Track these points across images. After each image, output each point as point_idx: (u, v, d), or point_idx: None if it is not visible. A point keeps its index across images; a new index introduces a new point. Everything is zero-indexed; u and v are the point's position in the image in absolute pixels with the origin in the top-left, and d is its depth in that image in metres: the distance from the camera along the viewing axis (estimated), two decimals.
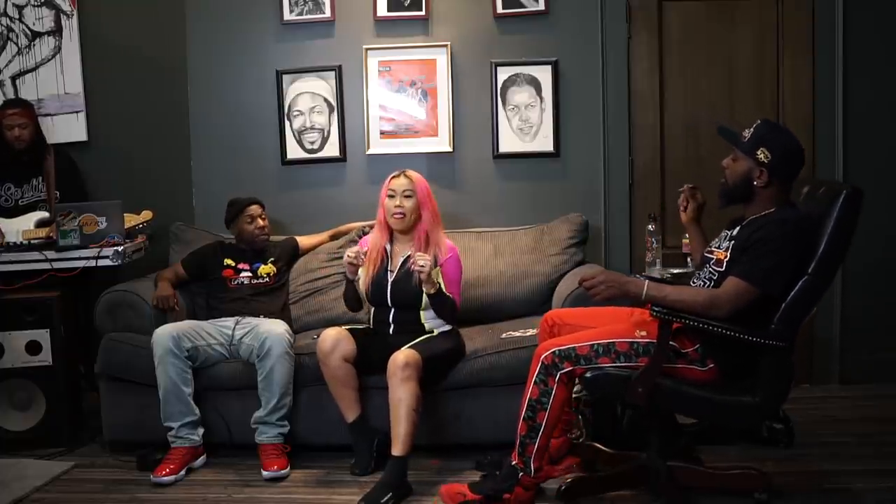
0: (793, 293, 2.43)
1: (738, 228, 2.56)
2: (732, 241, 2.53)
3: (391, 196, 3.17)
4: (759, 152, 2.48)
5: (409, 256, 3.14)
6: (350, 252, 3.08)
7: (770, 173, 2.48)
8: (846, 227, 2.44)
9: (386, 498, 2.78)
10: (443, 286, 3.08)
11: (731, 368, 2.49)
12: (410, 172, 3.22)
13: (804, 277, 2.42)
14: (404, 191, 3.15)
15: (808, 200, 2.58)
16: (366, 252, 3.14)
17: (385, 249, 3.21)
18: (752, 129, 2.53)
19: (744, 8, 3.90)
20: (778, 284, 2.41)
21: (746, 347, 2.43)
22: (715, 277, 2.53)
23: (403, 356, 2.88)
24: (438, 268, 3.10)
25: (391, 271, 3.17)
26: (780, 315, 2.43)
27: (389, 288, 3.15)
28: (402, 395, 2.84)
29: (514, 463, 2.56)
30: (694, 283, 2.64)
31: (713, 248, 2.63)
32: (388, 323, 3.18)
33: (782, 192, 2.52)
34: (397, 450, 2.84)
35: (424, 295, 3.08)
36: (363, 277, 3.20)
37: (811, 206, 2.53)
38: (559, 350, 2.49)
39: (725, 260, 2.52)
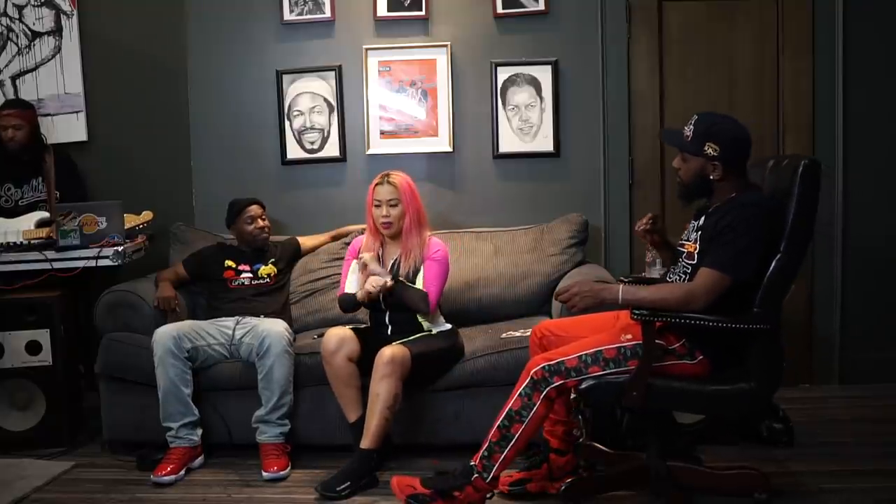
0: (768, 274, 2.42)
1: (703, 218, 2.56)
2: (700, 232, 2.54)
3: (377, 205, 3.18)
4: (706, 148, 2.49)
5: (396, 259, 3.19)
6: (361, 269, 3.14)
7: (723, 164, 2.49)
8: (809, 200, 2.43)
9: (343, 486, 2.83)
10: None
11: (721, 358, 2.49)
12: (393, 177, 3.19)
13: (777, 256, 2.42)
14: (389, 200, 3.16)
15: (773, 175, 2.58)
16: (364, 257, 3.15)
17: (378, 253, 3.23)
18: (692, 126, 2.54)
19: (744, 8, 3.90)
20: (749, 269, 2.41)
21: (732, 335, 2.43)
22: (689, 271, 2.54)
23: (390, 351, 2.90)
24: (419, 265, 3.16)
25: None
26: (759, 298, 2.43)
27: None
28: (379, 390, 2.87)
29: (472, 464, 2.55)
30: (670, 278, 2.65)
31: (683, 241, 2.63)
32: (385, 324, 3.19)
33: (740, 176, 2.53)
34: (365, 442, 2.88)
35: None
36: (358, 282, 3.22)
37: (777, 181, 2.53)
38: (548, 365, 2.48)
39: (696, 252, 2.52)
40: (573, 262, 3.65)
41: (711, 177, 2.51)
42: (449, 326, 3.22)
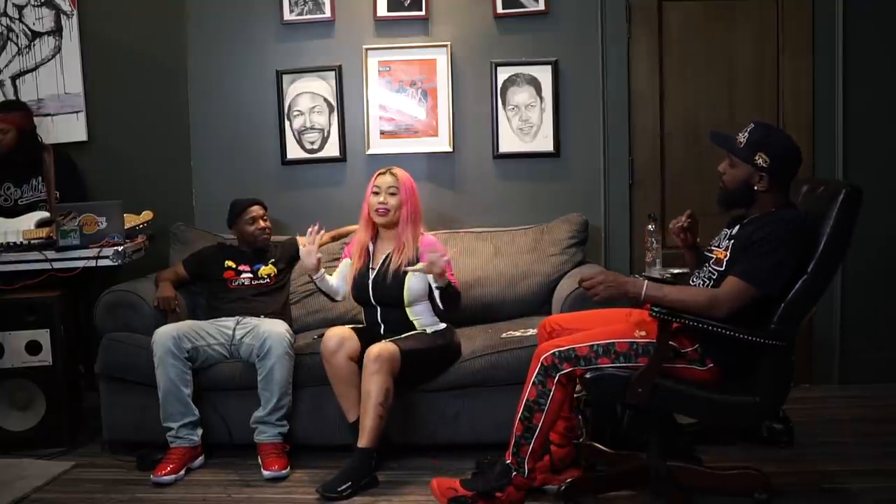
0: (792, 293, 2.42)
1: (737, 227, 2.56)
2: (732, 241, 2.53)
3: (376, 193, 3.19)
4: (757, 157, 2.47)
5: (388, 254, 3.18)
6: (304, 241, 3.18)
7: (770, 177, 2.48)
8: (845, 227, 2.43)
9: (344, 486, 2.83)
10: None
11: (731, 368, 2.49)
12: (396, 170, 3.22)
13: (803, 277, 2.42)
14: (389, 187, 3.17)
15: (806, 199, 2.58)
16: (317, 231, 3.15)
17: (368, 247, 3.23)
18: (746, 134, 2.52)
19: (744, 8, 3.90)
20: (777, 284, 2.41)
21: (746, 347, 2.43)
22: (714, 277, 2.54)
23: (377, 349, 2.91)
24: (423, 264, 3.12)
25: (372, 269, 3.19)
26: (779, 315, 2.43)
27: (371, 286, 3.16)
28: (370, 387, 2.87)
29: (508, 462, 2.56)
30: (693, 282, 2.64)
31: (713, 247, 2.63)
32: (377, 322, 3.19)
33: (782, 192, 2.52)
34: (362, 441, 2.89)
35: (406, 292, 3.11)
36: (348, 275, 3.24)
37: (810, 205, 2.53)
38: (559, 351, 2.49)
39: (725, 259, 2.52)
40: (573, 262, 3.65)
41: (756, 187, 2.49)
42: (444, 325, 3.21)
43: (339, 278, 3.29)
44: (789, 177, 2.52)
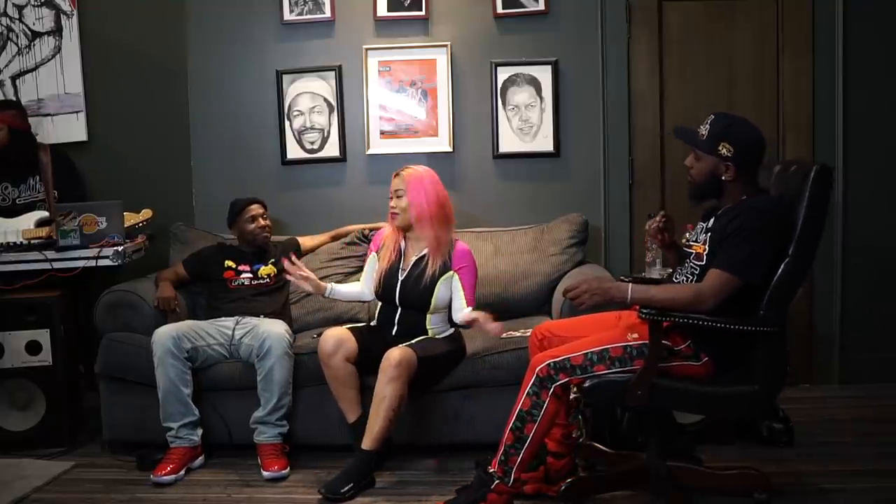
0: (776, 278, 2.43)
1: (712, 220, 2.56)
2: (709, 233, 2.54)
3: (390, 197, 3.17)
4: (720, 148, 2.48)
5: (422, 257, 3.14)
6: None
7: (736, 166, 2.49)
8: (820, 205, 2.43)
9: (346, 487, 2.84)
10: (464, 298, 3.08)
11: (725, 359, 2.50)
12: (405, 171, 3.14)
13: (785, 260, 2.42)
14: (396, 190, 3.14)
15: (779, 180, 2.58)
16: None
17: (399, 246, 3.20)
18: (707, 126, 2.53)
19: (744, 8, 3.90)
20: (759, 271, 2.41)
21: (737, 337, 2.44)
22: (697, 271, 2.54)
23: (398, 353, 2.89)
24: (453, 273, 3.11)
25: (402, 270, 3.16)
26: (766, 301, 2.44)
27: (399, 287, 3.15)
28: (386, 392, 2.86)
29: (491, 470, 2.55)
30: (676, 279, 2.65)
31: (691, 242, 2.63)
32: (392, 323, 3.18)
33: (750, 180, 2.53)
34: (367, 443, 2.88)
35: (434, 299, 3.09)
36: (375, 271, 3.21)
37: (784, 185, 2.54)
38: (554, 362, 2.48)
39: (704, 253, 2.52)
40: (573, 262, 3.66)
41: (723, 177, 2.50)
42: (452, 330, 3.21)
43: (365, 279, 3.28)
44: (755, 163, 2.53)
